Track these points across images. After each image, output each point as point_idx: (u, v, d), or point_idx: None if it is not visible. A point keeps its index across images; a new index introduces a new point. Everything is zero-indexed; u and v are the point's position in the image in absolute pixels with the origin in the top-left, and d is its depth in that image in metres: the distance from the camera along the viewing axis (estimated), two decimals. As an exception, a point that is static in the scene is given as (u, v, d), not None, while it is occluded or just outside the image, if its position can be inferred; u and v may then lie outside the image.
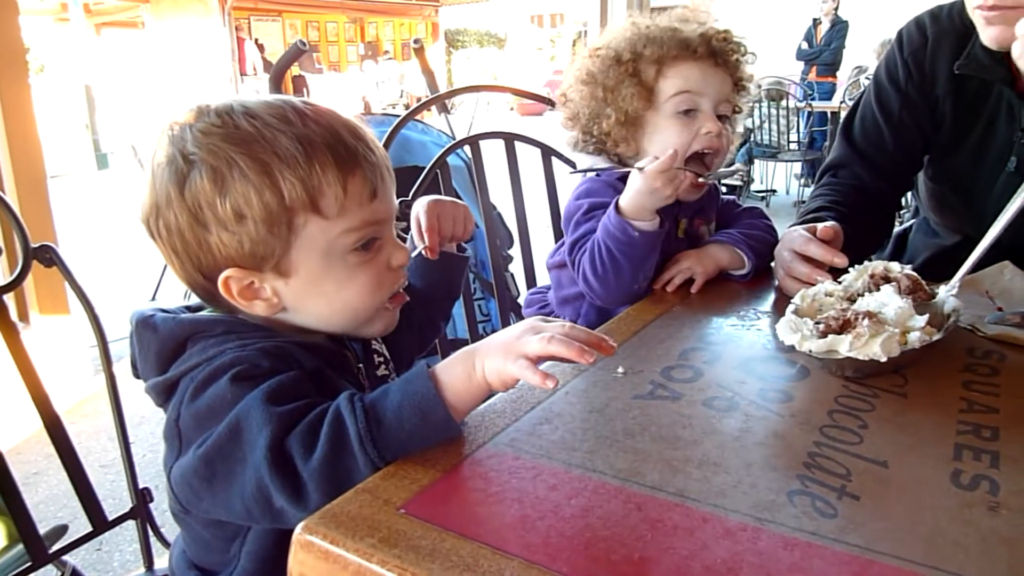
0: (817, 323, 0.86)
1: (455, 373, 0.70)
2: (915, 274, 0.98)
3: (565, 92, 1.28)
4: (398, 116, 1.67)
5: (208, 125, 0.76)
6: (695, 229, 1.29)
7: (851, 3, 8.58)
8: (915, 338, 0.84)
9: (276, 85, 2.24)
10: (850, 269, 1.02)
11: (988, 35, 1.16)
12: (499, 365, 0.68)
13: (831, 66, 8.05)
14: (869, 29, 9.25)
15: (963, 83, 1.29)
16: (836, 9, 7.95)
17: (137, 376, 0.82)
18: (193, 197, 0.75)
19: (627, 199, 1.12)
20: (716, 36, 1.19)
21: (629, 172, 1.15)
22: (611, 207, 1.13)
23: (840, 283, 0.99)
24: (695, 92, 1.18)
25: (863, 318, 0.84)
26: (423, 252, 1.00)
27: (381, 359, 0.96)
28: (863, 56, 7.80)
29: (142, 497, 1.25)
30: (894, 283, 0.94)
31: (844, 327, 0.85)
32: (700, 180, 1.19)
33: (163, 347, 0.78)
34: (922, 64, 1.34)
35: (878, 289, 0.94)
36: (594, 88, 1.22)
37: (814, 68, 8.10)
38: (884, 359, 0.81)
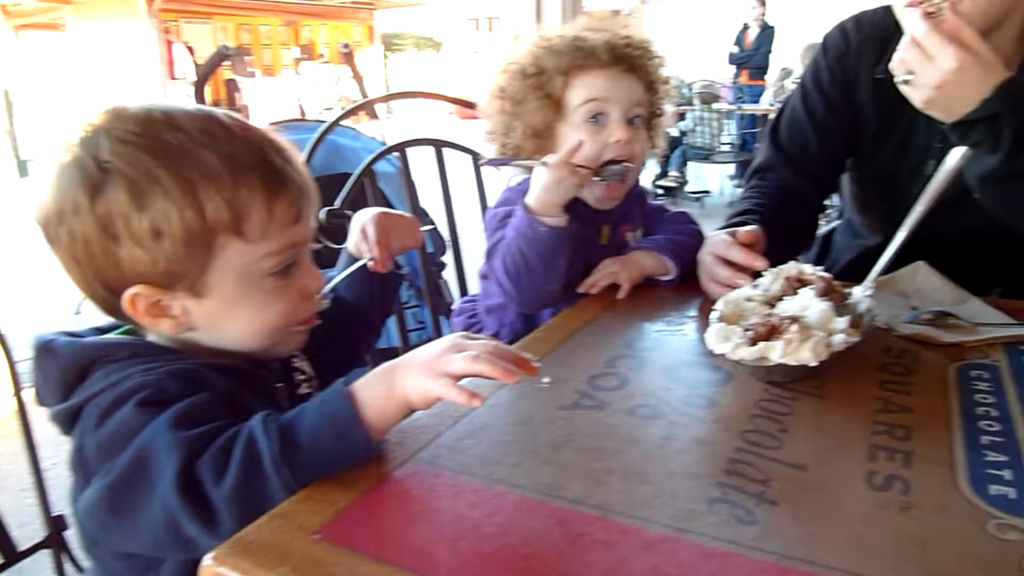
0: (746, 331, 0.87)
1: (374, 391, 0.68)
2: (828, 275, 1.01)
3: (481, 107, 1.28)
4: (324, 122, 1.64)
5: (127, 133, 0.72)
6: (620, 236, 1.30)
7: (778, 8, 8.85)
8: (839, 340, 0.86)
9: (200, 91, 2.17)
10: (764, 272, 1.04)
11: None
12: (421, 383, 0.67)
13: (761, 69, 8.29)
14: (797, 33, 9.57)
15: (885, 88, 1.33)
16: (764, 15, 8.19)
17: (41, 404, 0.77)
18: (106, 208, 0.71)
19: (533, 195, 1.12)
20: (619, 42, 1.20)
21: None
22: (519, 206, 1.14)
23: (756, 287, 1.01)
24: (602, 99, 1.19)
25: (789, 323, 0.85)
26: (368, 265, 0.98)
27: (303, 376, 0.93)
28: (791, 60, 8.04)
29: (56, 524, 1.19)
30: (812, 285, 0.96)
31: (771, 333, 0.85)
32: (596, 179, 1.20)
33: (64, 373, 0.74)
34: (846, 69, 1.38)
35: (796, 292, 0.96)
36: (503, 103, 1.23)
37: (745, 71, 8.32)
38: (814, 363, 0.82)
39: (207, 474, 0.63)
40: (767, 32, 8.18)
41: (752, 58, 8.24)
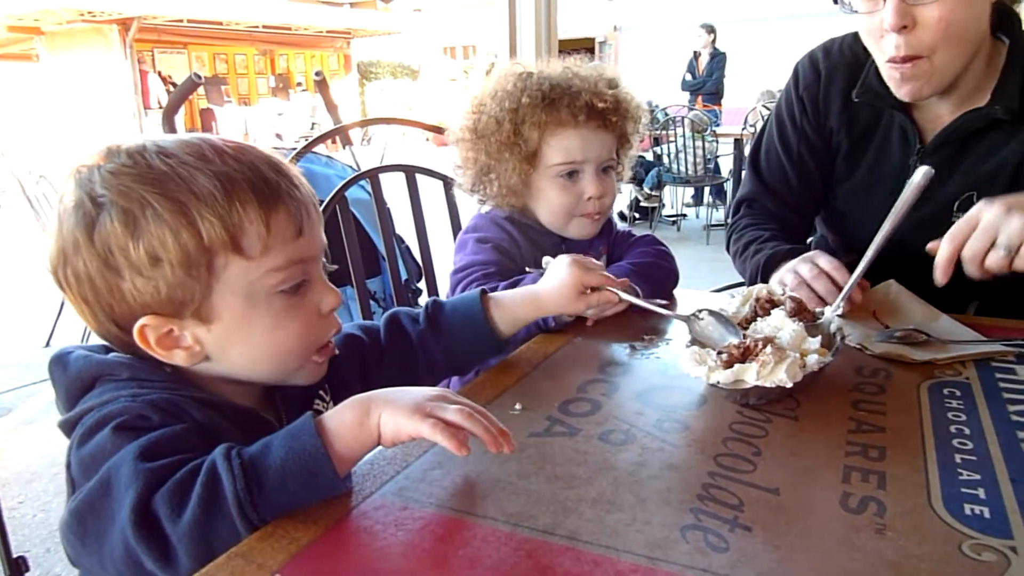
0: (720, 353, 0.86)
1: (345, 419, 0.67)
2: (798, 296, 1.00)
3: (452, 140, 1.29)
4: (294, 150, 1.63)
5: (118, 166, 0.72)
6: None
7: (726, 36, 9.08)
8: (813, 361, 0.85)
9: (170, 120, 2.15)
10: (733, 294, 1.04)
11: (903, 92, 1.20)
12: (403, 422, 0.66)
13: (715, 95, 8.54)
14: (748, 58, 9.84)
15: (855, 112, 1.35)
16: (714, 42, 8.43)
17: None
18: (103, 241, 0.71)
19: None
20: (596, 102, 1.20)
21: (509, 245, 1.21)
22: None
23: (725, 311, 1.00)
24: (577, 160, 1.21)
25: (763, 345, 0.85)
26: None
27: (324, 405, 0.91)
28: (749, 84, 8.30)
29: (16, 567, 1.15)
30: (783, 307, 0.96)
31: (746, 355, 0.85)
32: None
33: (71, 386, 0.75)
34: (816, 99, 1.40)
35: (768, 314, 0.95)
36: (477, 153, 1.24)
37: (700, 97, 8.52)
38: (790, 384, 0.81)
39: (163, 509, 0.61)
40: (718, 59, 8.44)
41: (705, 84, 8.48)
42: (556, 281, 0.99)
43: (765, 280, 1.25)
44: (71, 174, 0.74)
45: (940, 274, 1.00)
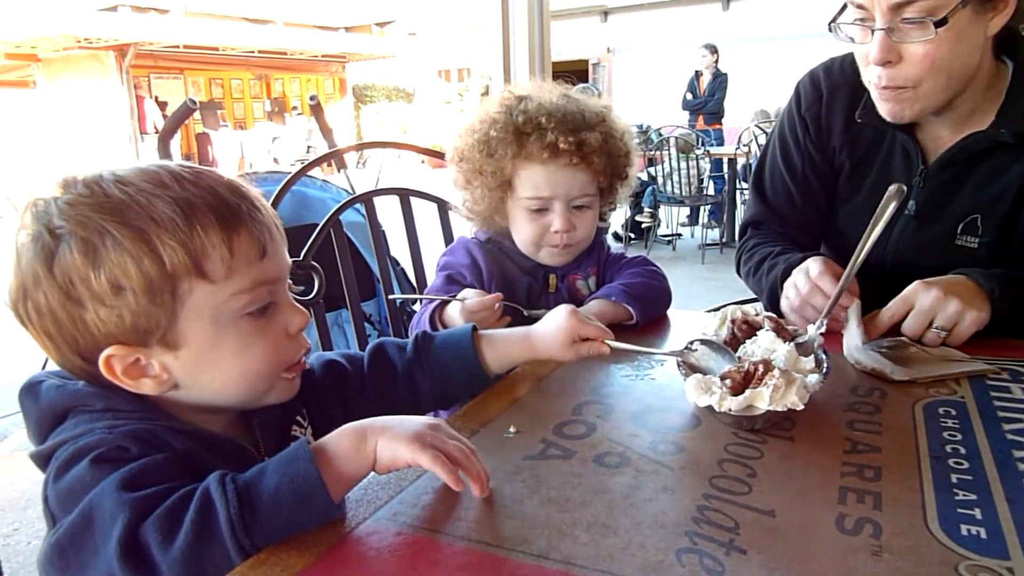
0: (723, 379, 0.85)
1: (341, 445, 0.67)
2: (774, 315, 1.01)
3: (448, 160, 1.31)
4: (289, 173, 1.64)
5: (75, 196, 0.71)
6: (570, 284, 1.31)
7: (730, 57, 9.16)
8: (814, 381, 0.85)
9: (165, 144, 2.16)
10: (713, 316, 1.04)
11: (883, 110, 1.22)
12: (402, 449, 0.67)
13: (716, 115, 8.57)
14: (749, 79, 9.92)
15: (858, 132, 1.35)
16: (716, 62, 8.48)
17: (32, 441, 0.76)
18: (63, 273, 0.70)
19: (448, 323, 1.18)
20: (563, 140, 1.19)
21: (457, 289, 1.23)
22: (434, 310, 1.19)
23: (704, 333, 1.00)
24: (544, 196, 1.23)
25: (763, 368, 0.84)
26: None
27: (301, 430, 0.89)
28: (745, 105, 8.34)
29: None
30: (767, 327, 0.96)
31: (747, 379, 0.84)
32: (526, 314, 1.21)
33: (41, 417, 0.74)
34: (818, 118, 1.39)
35: (748, 335, 0.95)
36: (459, 176, 1.28)
37: (701, 117, 8.57)
38: (801, 407, 0.81)
39: (154, 537, 0.60)
40: (720, 79, 8.48)
41: (707, 104, 8.52)
42: (552, 326, 0.98)
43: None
44: (27, 207, 0.73)
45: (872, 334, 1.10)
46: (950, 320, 1.08)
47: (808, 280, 1.15)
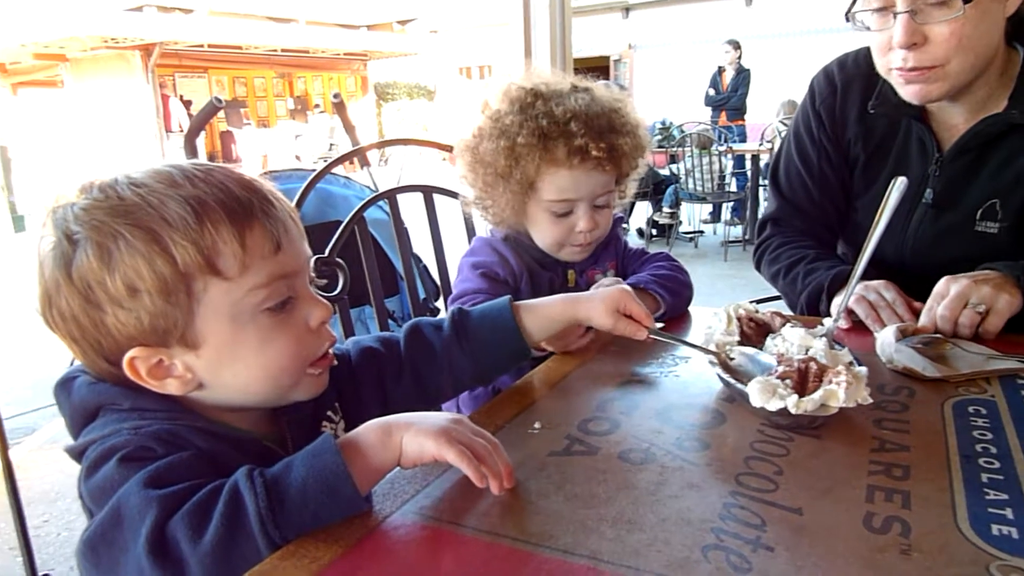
0: (784, 380, 0.84)
1: (368, 439, 0.68)
2: (780, 311, 1.01)
3: (456, 153, 1.29)
4: (313, 171, 1.65)
5: (90, 201, 0.72)
6: (588, 279, 1.32)
7: (752, 53, 9.08)
8: (864, 373, 0.84)
9: (191, 143, 2.19)
10: (716, 314, 1.03)
11: (908, 92, 1.21)
12: (428, 443, 0.68)
13: (739, 110, 8.52)
14: (771, 75, 9.82)
15: (872, 123, 1.35)
16: (739, 58, 8.42)
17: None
18: (81, 278, 0.71)
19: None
20: (595, 147, 1.18)
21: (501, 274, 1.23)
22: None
23: (710, 328, 1.00)
24: (570, 199, 1.22)
25: (814, 366, 0.84)
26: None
27: (332, 426, 0.90)
28: (767, 100, 8.27)
29: (40, 586, 1.16)
30: (792, 324, 0.96)
31: (803, 379, 0.84)
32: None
33: (74, 413, 0.75)
34: (832, 112, 1.40)
35: (759, 333, 0.95)
36: (476, 176, 1.25)
37: (723, 113, 8.51)
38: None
39: (183, 532, 0.61)
40: (743, 74, 8.42)
41: (730, 100, 8.47)
42: (601, 292, 1.01)
43: (829, 301, 1.26)
44: (47, 215, 0.74)
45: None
46: (986, 299, 1.08)
47: (882, 299, 1.16)
